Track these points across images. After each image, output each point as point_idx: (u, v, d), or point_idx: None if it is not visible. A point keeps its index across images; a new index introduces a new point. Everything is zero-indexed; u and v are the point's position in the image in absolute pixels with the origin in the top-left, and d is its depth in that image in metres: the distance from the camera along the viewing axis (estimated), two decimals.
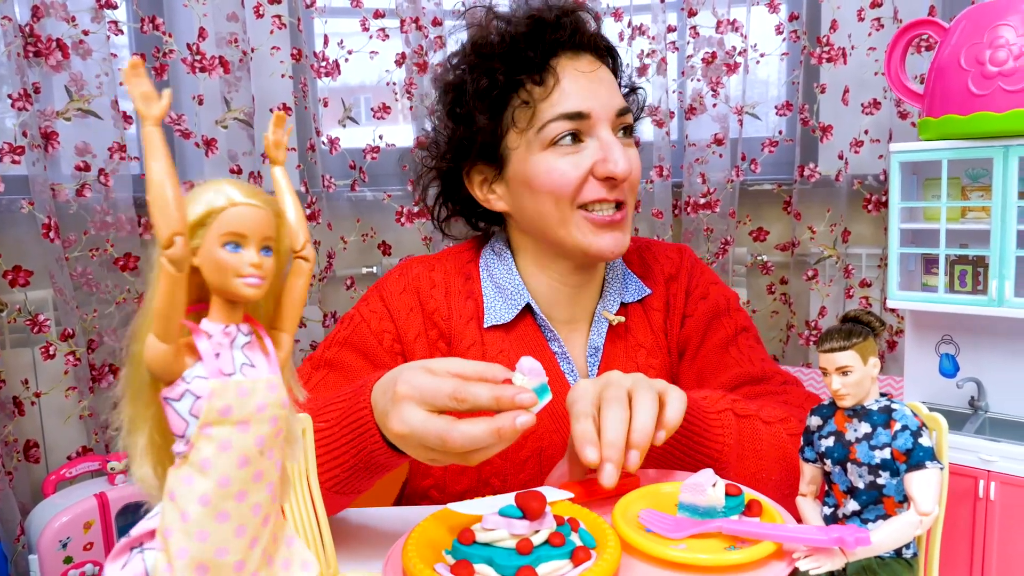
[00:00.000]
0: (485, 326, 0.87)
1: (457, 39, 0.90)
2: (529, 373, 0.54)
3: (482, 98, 0.82)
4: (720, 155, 1.80)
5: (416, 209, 1.80)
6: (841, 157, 1.77)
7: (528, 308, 0.87)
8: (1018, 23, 0.57)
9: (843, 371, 0.53)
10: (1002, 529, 0.59)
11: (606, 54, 0.88)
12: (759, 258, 1.89)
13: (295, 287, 0.40)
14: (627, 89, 0.92)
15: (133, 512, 1.39)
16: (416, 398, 0.55)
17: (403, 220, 1.82)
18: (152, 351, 0.35)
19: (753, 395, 0.86)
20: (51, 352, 1.51)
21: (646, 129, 1.85)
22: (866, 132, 1.75)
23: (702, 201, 1.82)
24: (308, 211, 1.73)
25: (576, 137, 0.81)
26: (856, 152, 1.76)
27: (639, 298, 0.92)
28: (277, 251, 0.38)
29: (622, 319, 0.89)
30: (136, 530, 0.38)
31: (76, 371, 1.52)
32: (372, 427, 0.61)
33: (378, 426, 0.61)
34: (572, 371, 0.87)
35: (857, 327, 0.54)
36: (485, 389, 0.53)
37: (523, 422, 0.53)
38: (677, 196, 1.86)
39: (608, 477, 0.57)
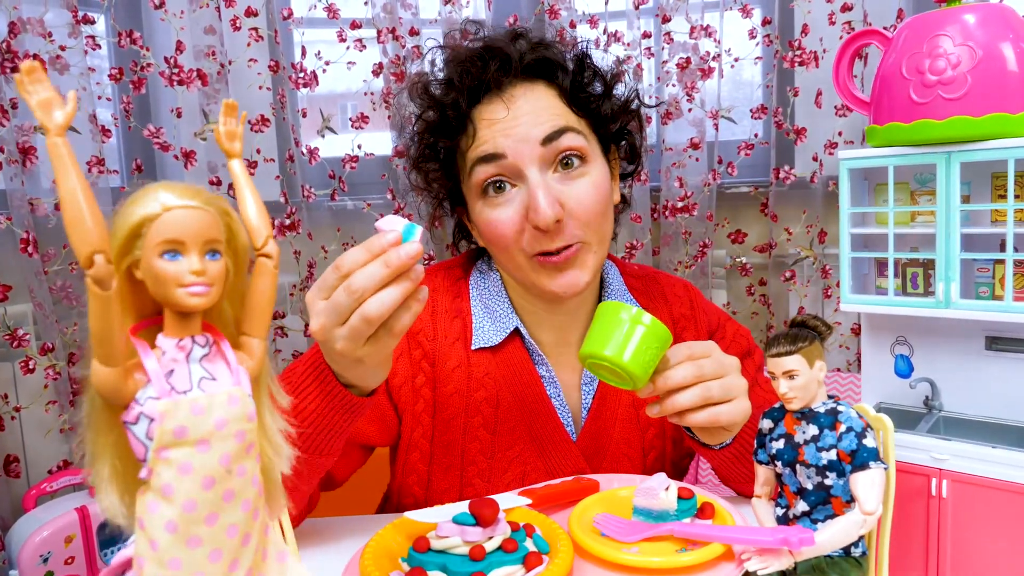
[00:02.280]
0: (472, 348, 0.86)
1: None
2: (388, 225, 0.57)
3: (423, 164, 0.87)
4: (697, 159, 1.82)
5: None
6: (816, 159, 1.79)
7: (516, 330, 0.86)
8: (955, 33, 0.59)
9: (790, 375, 0.54)
10: (955, 526, 0.60)
11: (544, 72, 0.82)
12: (738, 260, 1.91)
13: (260, 288, 0.38)
14: (594, 97, 0.85)
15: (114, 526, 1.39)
16: (315, 295, 0.61)
17: None
18: (98, 376, 0.33)
19: None
20: (31, 366, 1.51)
21: None
22: (839, 134, 1.77)
23: (680, 205, 1.84)
24: (288, 221, 1.74)
25: (507, 182, 0.80)
26: (830, 154, 1.78)
27: None
28: (233, 251, 0.36)
29: None
30: (116, 559, 0.37)
31: (56, 385, 1.52)
32: (325, 367, 0.66)
33: (331, 368, 0.65)
34: (559, 395, 0.86)
35: (803, 332, 0.55)
36: (356, 249, 0.57)
37: (407, 250, 0.55)
38: (655, 200, 1.87)
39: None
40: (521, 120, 0.78)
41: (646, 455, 0.88)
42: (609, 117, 0.85)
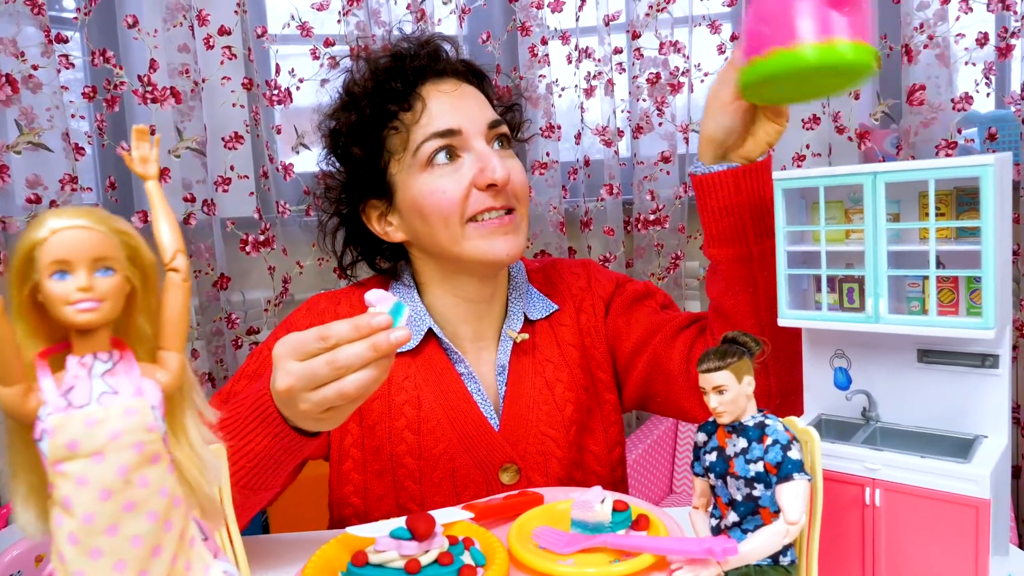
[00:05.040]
0: None
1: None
2: (378, 302, 0.58)
3: (356, 133, 0.87)
4: (668, 172, 1.85)
5: None
6: None
7: (432, 333, 0.89)
8: None
9: (719, 390, 0.56)
10: (888, 534, 0.62)
11: (471, 76, 0.92)
12: None
13: (171, 302, 0.39)
14: (502, 108, 0.96)
15: None
16: (289, 353, 0.62)
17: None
18: (1, 396, 0.35)
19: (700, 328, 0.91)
20: None
21: (597, 148, 1.89)
22: (807, 147, 1.80)
23: (652, 217, 1.86)
24: (262, 237, 1.75)
25: (452, 154, 0.85)
26: (798, 166, 1.81)
27: (546, 315, 0.95)
28: (140, 269, 0.37)
29: (526, 336, 0.92)
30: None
31: None
32: (273, 410, 0.66)
33: (279, 410, 0.66)
34: (479, 390, 0.90)
35: (732, 348, 0.57)
36: (344, 324, 0.59)
37: (397, 336, 0.58)
38: (628, 213, 1.90)
39: None
40: (470, 101, 0.88)
41: (567, 430, 0.90)
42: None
